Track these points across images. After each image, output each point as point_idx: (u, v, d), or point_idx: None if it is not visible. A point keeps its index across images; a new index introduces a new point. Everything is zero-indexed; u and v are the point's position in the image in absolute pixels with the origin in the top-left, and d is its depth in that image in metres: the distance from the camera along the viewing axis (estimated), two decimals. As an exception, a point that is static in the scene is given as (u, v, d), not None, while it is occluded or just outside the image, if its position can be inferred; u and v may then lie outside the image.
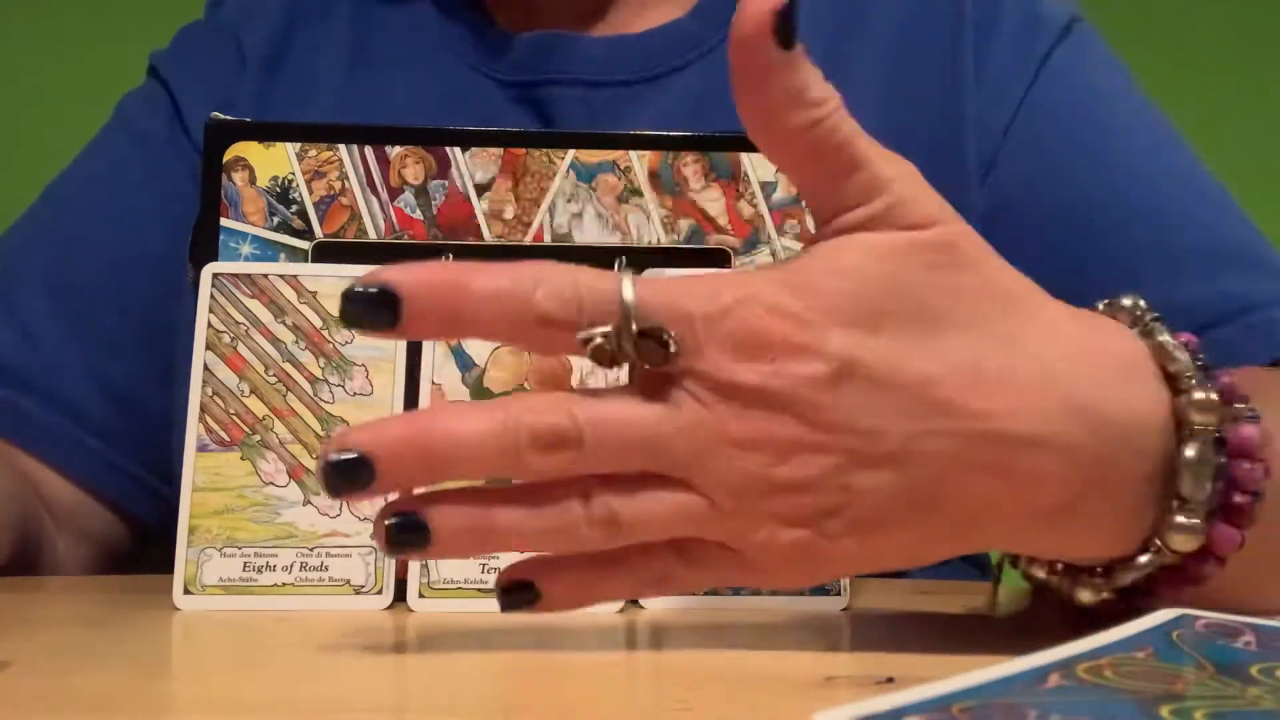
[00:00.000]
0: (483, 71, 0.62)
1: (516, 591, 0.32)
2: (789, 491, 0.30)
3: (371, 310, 0.29)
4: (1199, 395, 0.32)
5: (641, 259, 0.45)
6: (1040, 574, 0.36)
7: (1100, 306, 0.35)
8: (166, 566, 0.41)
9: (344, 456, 0.29)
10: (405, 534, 0.30)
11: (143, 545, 0.62)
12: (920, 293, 0.31)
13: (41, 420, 0.58)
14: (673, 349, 0.29)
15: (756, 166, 0.47)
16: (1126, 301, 0.34)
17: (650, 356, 0.29)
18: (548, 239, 0.47)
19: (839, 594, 0.42)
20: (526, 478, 0.31)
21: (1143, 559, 0.33)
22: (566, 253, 0.46)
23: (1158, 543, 0.33)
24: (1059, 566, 0.35)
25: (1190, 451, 0.32)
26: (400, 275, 0.29)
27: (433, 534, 0.30)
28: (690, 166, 0.47)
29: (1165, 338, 0.33)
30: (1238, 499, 0.32)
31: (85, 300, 0.60)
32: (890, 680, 0.29)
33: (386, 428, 0.30)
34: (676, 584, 0.33)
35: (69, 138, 0.67)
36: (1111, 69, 0.63)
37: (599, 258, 0.45)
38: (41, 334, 0.59)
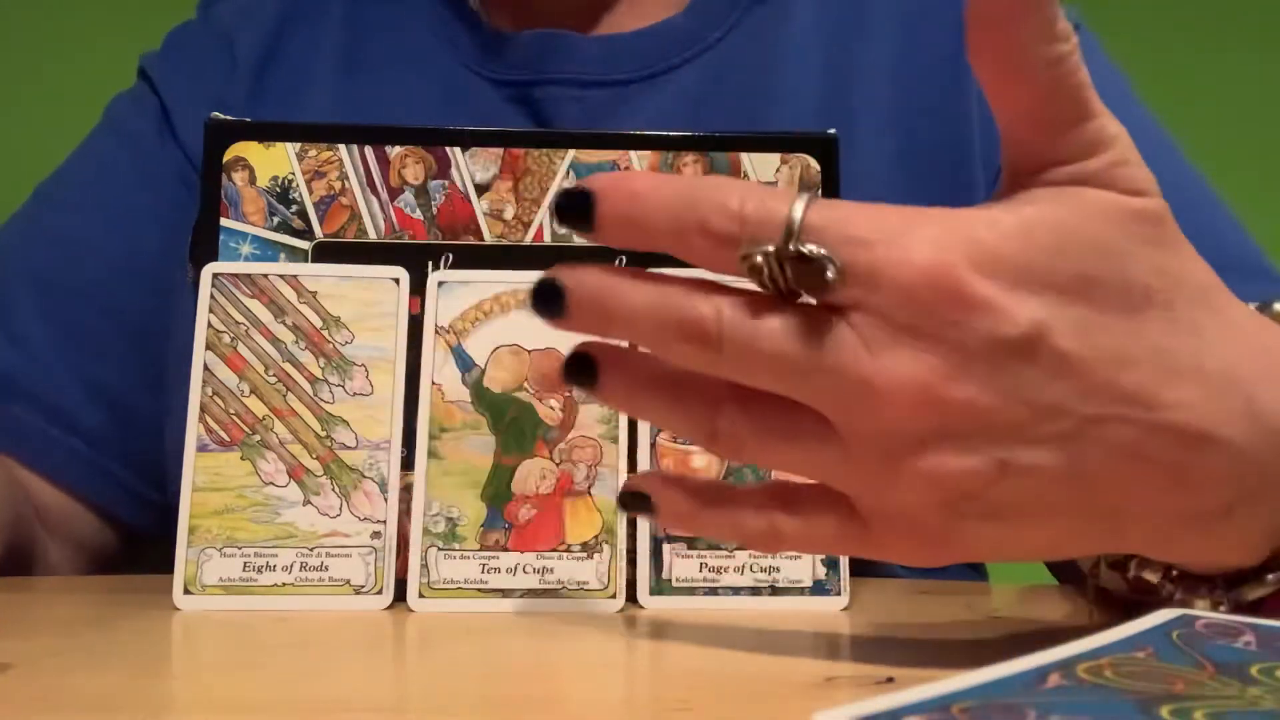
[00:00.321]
0: (477, 71, 0.62)
1: (636, 500, 0.33)
2: (941, 456, 0.28)
3: (565, 211, 0.30)
4: None
5: (641, 259, 0.45)
6: (1153, 578, 0.34)
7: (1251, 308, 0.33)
8: (166, 566, 0.41)
9: (548, 280, 0.30)
10: (577, 367, 0.31)
11: (133, 551, 0.62)
12: (1130, 265, 0.28)
13: (31, 426, 0.57)
14: (831, 276, 0.27)
15: (756, 166, 0.47)
16: (1278, 306, 0.33)
17: (807, 281, 0.28)
18: (548, 239, 0.47)
19: (839, 594, 0.42)
20: (671, 360, 0.30)
21: (1271, 576, 0.32)
22: (566, 253, 0.46)
23: None
24: (1174, 573, 0.34)
25: None
26: (589, 184, 0.30)
27: (599, 376, 0.31)
28: (690, 166, 0.47)
29: None
30: None
31: (74, 304, 0.60)
32: (890, 680, 0.29)
33: (584, 269, 0.30)
34: (783, 540, 0.31)
35: (60, 137, 0.67)
36: (1112, 79, 0.63)
37: (599, 258, 0.45)
38: (30, 338, 0.59)
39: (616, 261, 0.46)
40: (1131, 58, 0.65)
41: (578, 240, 0.47)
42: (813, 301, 0.29)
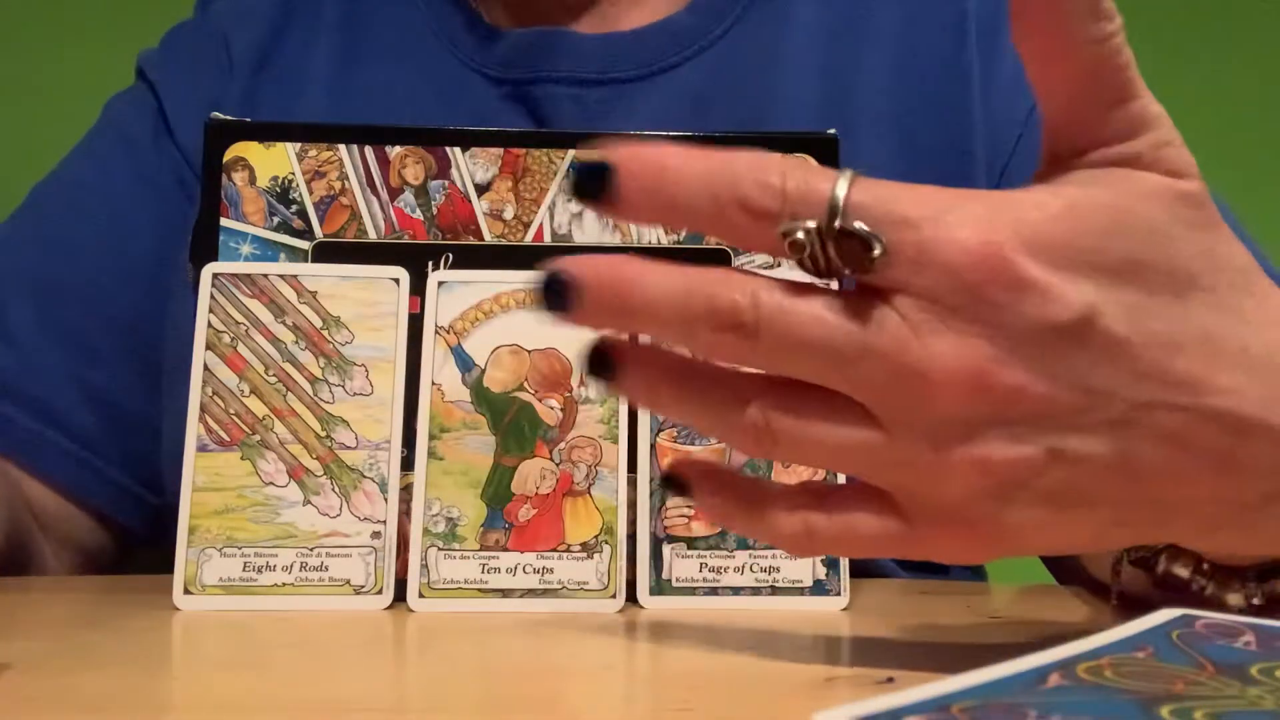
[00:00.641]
0: (473, 69, 0.62)
1: (673, 484, 0.31)
2: (991, 444, 0.27)
3: (582, 185, 0.28)
4: None
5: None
6: (1184, 573, 0.34)
7: None
8: (166, 566, 0.41)
9: (555, 274, 0.28)
10: (596, 361, 0.30)
11: (127, 552, 0.61)
12: (1177, 248, 0.28)
13: (24, 426, 0.57)
14: (878, 253, 0.26)
15: (756, 166, 0.47)
16: None
17: (852, 260, 0.27)
18: (548, 239, 0.47)
19: (839, 594, 0.42)
20: (698, 352, 0.29)
21: None
22: (567, 253, 0.46)
23: None
24: (1205, 566, 0.33)
25: None
26: (609, 155, 0.28)
27: (615, 366, 0.29)
28: (690, 166, 0.47)
29: None
30: None
31: (68, 306, 0.60)
32: (890, 680, 0.29)
33: (593, 259, 0.29)
34: (818, 540, 0.30)
35: (59, 136, 0.67)
36: None
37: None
38: (23, 339, 0.59)
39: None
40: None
41: (580, 240, 0.47)
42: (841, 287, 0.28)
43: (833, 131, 0.47)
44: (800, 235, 0.27)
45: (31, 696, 0.29)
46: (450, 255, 0.46)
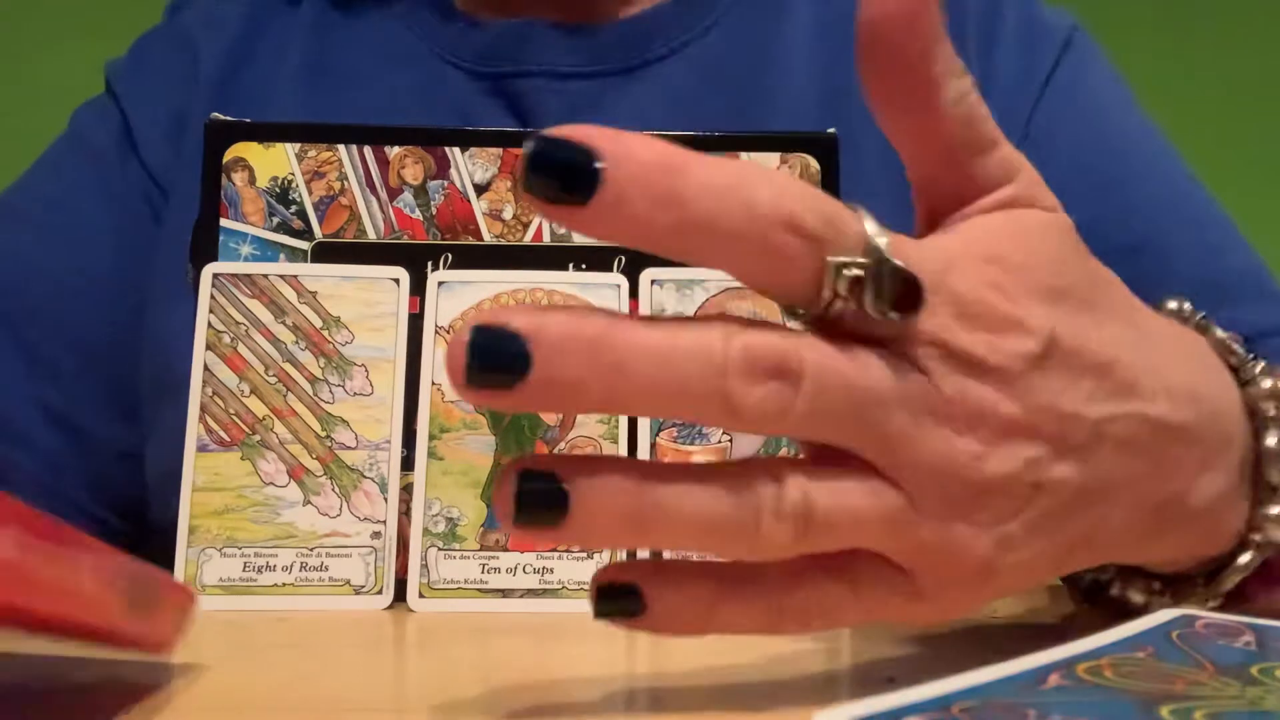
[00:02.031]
0: (451, 62, 0.60)
1: (617, 597, 0.26)
2: (991, 490, 0.26)
3: (553, 183, 0.23)
4: (1267, 384, 0.32)
5: (641, 259, 0.45)
6: (1139, 598, 0.34)
7: None
8: (165, 566, 0.41)
9: (494, 331, 0.23)
10: (536, 502, 0.24)
11: None
12: (1080, 272, 0.29)
13: None
14: (925, 297, 0.25)
15: (756, 166, 0.47)
16: (1172, 304, 0.34)
17: (904, 301, 0.25)
18: (547, 239, 0.47)
19: (839, 594, 0.42)
20: (720, 417, 0.24)
21: (1244, 558, 0.32)
22: (566, 253, 0.46)
23: (1255, 539, 0.32)
24: (1156, 586, 0.34)
25: (1271, 440, 0.32)
26: (595, 143, 0.23)
27: (572, 505, 0.24)
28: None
29: (1220, 333, 0.33)
30: None
31: (28, 324, 0.58)
32: (890, 680, 0.29)
33: (550, 313, 0.23)
34: (835, 615, 0.27)
35: (27, 142, 0.66)
36: (1112, 84, 0.63)
37: (599, 258, 0.45)
38: None
39: (615, 262, 0.46)
40: (1127, 58, 0.65)
41: (578, 240, 0.47)
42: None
43: (832, 131, 0.47)
44: (856, 270, 0.24)
45: (32, 696, 0.29)
46: (450, 255, 0.46)
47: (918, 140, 0.29)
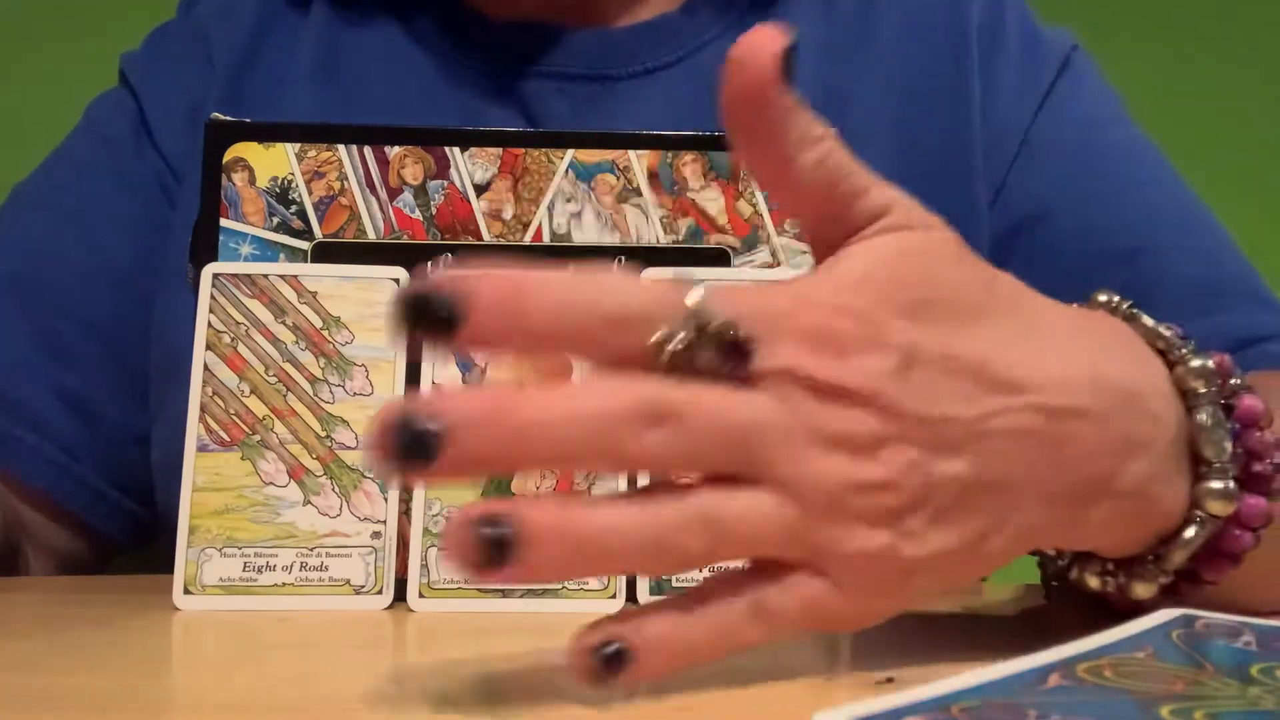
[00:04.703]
0: (460, 62, 0.61)
1: (610, 660, 0.28)
2: (876, 490, 0.29)
3: (422, 316, 0.26)
4: (1196, 363, 0.33)
5: (641, 259, 0.45)
6: (1094, 582, 0.36)
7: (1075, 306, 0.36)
8: (166, 566, 0.41)
9: (414, 422, 0.25)
10: (492, 543, 0.27)
11: (104, 560, 0.61)
12: (951, 282, 0.31)
13: (4, 432, 0.56)
14: (753, 345, 0.28)
15: (756, 166, 0.47)
16: (1102, 298, 0.35)
17: (732, 355, 0.28)
18: (546, 239, 0.47)
19: (839, 594, 0.42)
20: (619, 464, 0.29)
21: (1188, 533, 0.33)
22: (566, 252, 0.46)
23: (1198, 514, 0.33)
24: (1110, 566, 0.35)
25: (1202, 416, 0.33)
26: (457, 284, 0.27)
27: (517, 540, 0.27)
28: (689, 166, 0.47)
29: (1148, 320, 0.34)
30: (1258, 468, 0.33)
31: (46, 310, 0.59)
32: (890, 680, 0.29)
33: (460, 396, 0.27)
34: (770, 614, 0.29)
35: (43, 134, 0.66)
36: (1107, 101, 0.64)
37: (598, 257, 0.45)
38: (3, 343, 0.58)
39: (616, 261, 0.46)
40: (1126, 64, 0.66)
41: (577, 240, 0.47)
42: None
43: (832, 132, 0.47)
44: (677, 344, 0.28)
45: (32, 696, 0.29)
46: (450, 255, 0.46)
47: (786, 200, 0.32)
